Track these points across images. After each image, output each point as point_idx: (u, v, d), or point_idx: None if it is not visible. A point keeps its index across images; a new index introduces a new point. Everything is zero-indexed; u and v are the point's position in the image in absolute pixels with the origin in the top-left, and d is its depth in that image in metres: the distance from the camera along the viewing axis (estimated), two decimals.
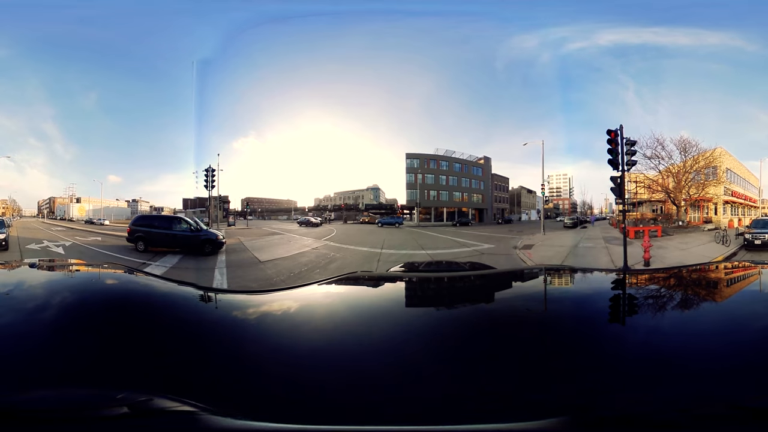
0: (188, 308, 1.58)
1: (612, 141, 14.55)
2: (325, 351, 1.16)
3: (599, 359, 1.11)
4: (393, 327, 1.38)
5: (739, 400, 0.87)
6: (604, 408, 0.89)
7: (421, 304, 1.86)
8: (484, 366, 1.09)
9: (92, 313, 1.35)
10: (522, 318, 1.48)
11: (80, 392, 0.91)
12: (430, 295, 2.04)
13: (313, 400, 0.94)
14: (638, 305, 1.63)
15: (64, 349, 1.09)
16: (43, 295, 1.55)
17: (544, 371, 1.05)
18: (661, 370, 1.01)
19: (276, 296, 1.81)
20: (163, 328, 1.31)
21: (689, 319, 1.44)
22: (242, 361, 1.12)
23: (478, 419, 0.86)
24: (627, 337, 1.27)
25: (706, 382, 0.97)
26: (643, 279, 2.19)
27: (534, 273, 2.85)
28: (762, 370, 0.98)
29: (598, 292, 1.92)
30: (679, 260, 16.35)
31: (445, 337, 1.28)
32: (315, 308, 1.65)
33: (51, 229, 29.14)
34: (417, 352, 1.15)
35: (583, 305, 1.67)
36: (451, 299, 1.92)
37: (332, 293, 1.88)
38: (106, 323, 1.28)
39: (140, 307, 1.51)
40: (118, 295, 1.67)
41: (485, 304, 1.81)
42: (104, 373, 0.99)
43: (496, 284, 2.26)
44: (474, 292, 2.05)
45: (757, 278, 2.02)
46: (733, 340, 1.17)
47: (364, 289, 2.12)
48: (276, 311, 1.57)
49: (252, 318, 1.51)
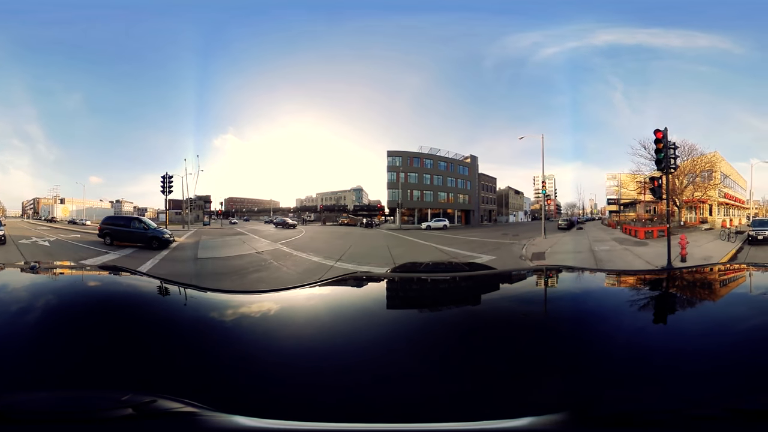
0: (165, 307, 1.67)
1: (659, 141, 14.63)
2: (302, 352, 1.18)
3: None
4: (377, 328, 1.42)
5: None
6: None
7: (419, 306, 1.87)
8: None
9: (74, 314, 1.39)
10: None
11: (83, 394, 0.93)
12: (427, 296, 2.07)
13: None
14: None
15: (46, 350, 1.11)
16: (26, 297, 1.62)
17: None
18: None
19: (256, 297, 1.88)
20: (144, 329, 1.34)
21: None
22: (231, 359, 1.15)
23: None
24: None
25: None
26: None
27: (554, 273, 2.77)
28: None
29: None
30: (706, 256, 17.26)
31: (445, 338, 1.29)
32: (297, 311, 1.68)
33: (37, 228, 31.64)
34: (399, 351, 1.18)
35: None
36: (453, 301, 1.94)
37: (315, 295, 1.92)
38: (87, 325, 1.31)
39: (121, 308, 1.54)
40: (99, 297, 1.73)
41: (496, 305, 1.79)
42: (87, 374, 1.03)
43: (495, 285, 2.31)
44: (471, 293, 2.09)
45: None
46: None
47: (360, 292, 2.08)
48: (258, 312, 1.61)
49: (229, 318, 1.54)
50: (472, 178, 54.68)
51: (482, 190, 56.90)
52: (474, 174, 54.99)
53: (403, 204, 47.20)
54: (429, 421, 0.87)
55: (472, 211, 53.88)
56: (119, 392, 0.89)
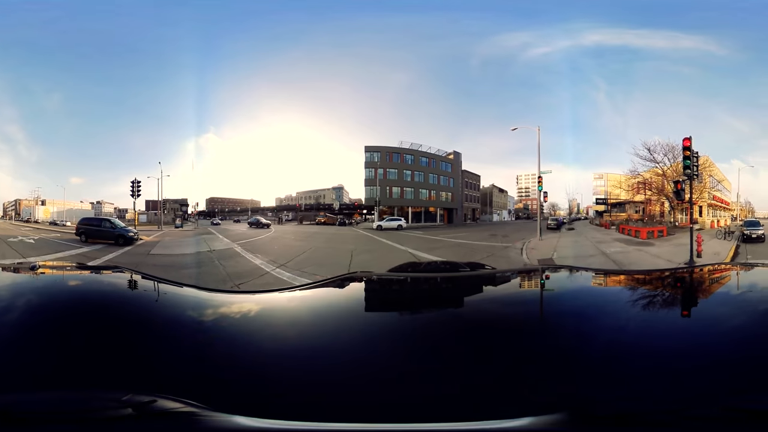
0: (163, 306, 1.70)
1: (686, 149, 16.76)
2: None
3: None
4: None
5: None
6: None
7: (417, 306, 1.86)
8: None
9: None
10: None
11: (84, 394, 0.94)
12: (425, 296, 2.06)
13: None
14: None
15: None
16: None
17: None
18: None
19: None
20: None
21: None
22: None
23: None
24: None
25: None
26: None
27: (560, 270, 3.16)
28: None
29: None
30: (715, 251, 18.83)
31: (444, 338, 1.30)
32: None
33: (21, 229, 33.82)
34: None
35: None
36: (454, 300, 1.91)
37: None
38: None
39: (117, 307, 1.59)
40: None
41: (497, 306, 1.77)
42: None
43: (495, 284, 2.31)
44: (471, 292, 2.06)
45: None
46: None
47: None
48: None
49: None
50: (456, 175, 52.20)
51: (466, 187, 54.62)
52: (457, 171, 52.55)
53: (382, 202, 44.25)
54: (424, 421, 0.87)
55: (455, 210, 51.39)
56: (119, 392, 0.89)
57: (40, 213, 48.70)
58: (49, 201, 49.82)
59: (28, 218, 48.41)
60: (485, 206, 60.48)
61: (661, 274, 2.70)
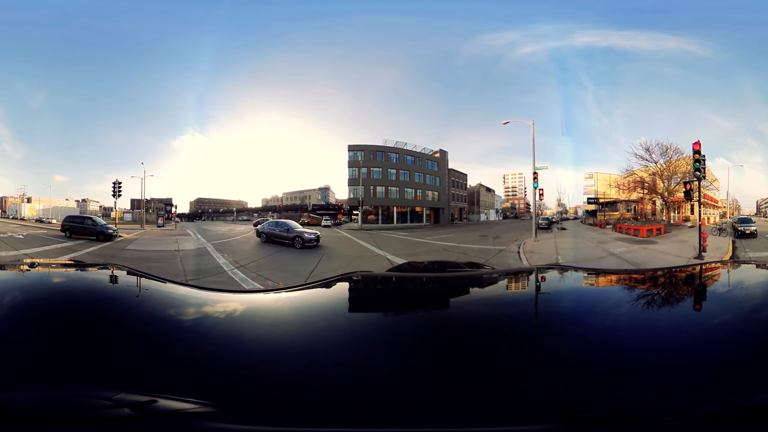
0: (160, 305, 1.67)
1: (696, 152, 17.51)
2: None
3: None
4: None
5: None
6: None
7: (415, 306, 1.83)
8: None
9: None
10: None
11: (78, 392, 0.92)
12: (420, 295, 2.04)
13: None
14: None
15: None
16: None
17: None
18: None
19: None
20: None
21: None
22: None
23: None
24: None
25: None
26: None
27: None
28: None
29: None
30: (717, 246, 19.89)
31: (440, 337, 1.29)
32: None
33: (9, 225, 34.31)
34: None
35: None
36: (431, 303, 1.88)
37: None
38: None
39: (113, 304, 1.59)
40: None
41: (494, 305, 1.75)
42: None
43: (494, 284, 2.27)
44: (445, 295, 2.02)
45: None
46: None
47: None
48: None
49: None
50: (442, 173, 50.61)
51: (453, 186, 53.13)
52: (444, 169, 50.99)
53: (366, 201, 42.38)
54: (423, 426, 0.86)
55: (441, 209, 49.76)
56: (111, 391, 0.88)
57: (26, 210, 49.47)
58: (35, 198, 50.87)
59: (14, 215, 49.23)
60: (472, 206, 59.30)
61: (674, 271, 2.63)
